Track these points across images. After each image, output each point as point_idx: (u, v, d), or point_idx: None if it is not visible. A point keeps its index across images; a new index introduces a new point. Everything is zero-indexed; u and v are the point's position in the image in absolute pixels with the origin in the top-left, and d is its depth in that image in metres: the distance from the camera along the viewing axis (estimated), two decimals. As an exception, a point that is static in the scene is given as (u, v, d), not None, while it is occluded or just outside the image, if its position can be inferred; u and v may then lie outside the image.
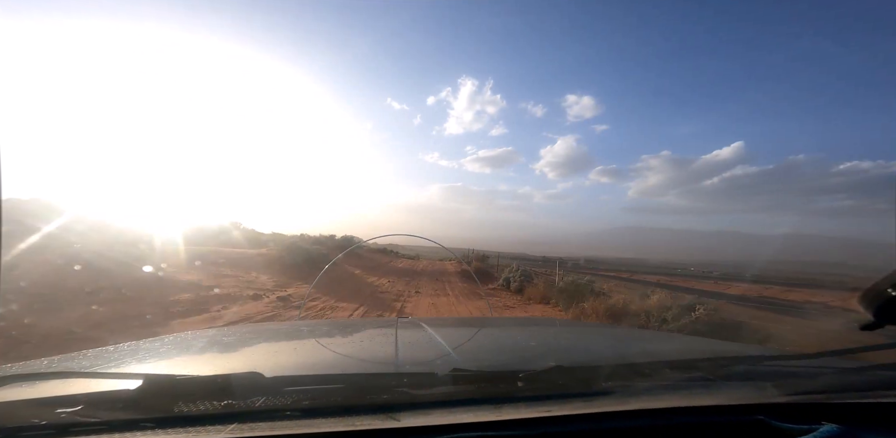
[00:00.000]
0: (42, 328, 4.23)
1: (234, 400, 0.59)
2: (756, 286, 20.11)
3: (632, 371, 0.80)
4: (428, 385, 0.69)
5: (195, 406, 0.58)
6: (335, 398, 0.65)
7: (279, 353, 1.12)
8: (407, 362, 0.99)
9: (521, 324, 2.08)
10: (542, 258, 53.80)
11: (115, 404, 0.58)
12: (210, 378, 0.63)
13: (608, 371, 0.78)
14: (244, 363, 1.06)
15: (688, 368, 0.83)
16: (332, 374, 0.77)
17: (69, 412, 0.55)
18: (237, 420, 0.56)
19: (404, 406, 0.62)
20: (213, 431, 0.53)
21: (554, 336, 1.61)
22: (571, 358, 1.09)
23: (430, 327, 1.46)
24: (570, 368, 0.76)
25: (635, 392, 0.71)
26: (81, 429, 0.53)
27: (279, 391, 0.63)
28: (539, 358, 1.09)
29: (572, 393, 0.69)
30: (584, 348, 1.36)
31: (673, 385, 0.75)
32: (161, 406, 0.58)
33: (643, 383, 0.75)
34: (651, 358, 1.04)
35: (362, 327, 1.77)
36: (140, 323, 5.04)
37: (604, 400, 0.66)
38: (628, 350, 1.32)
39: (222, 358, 1.13)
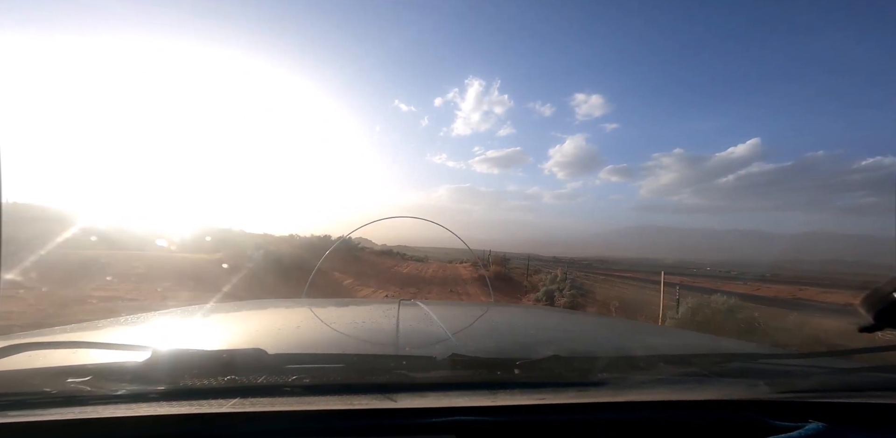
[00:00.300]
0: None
1: (237, 376, 0.61)
2: (788, 287, 18.95)
3: (628, 364, 0.81)
4: (426, 368, 0.70)
5: (199, 380, 0.59)
6: (335, 377, 0.66)
7: (282, 330, 1.13)
8: (407, 345, 1.00)
9: (522, 313, 2.08)
10: (552, 258, 53.00)
11: (124, 375, 0.60)
12: (215, 353, 0.64)
13: (604, 363, 0.78)
14: (248, 339, 1.05)
15: (683, 363, 0.83)
16: (332, 354, 0.78)
17: (79, 382, 0.57)
18: (239, 394, 0.58)
19: (402, 387, 0.64)
20: (215, 405, 0.54)
21: (554, 325, 1.61)
22: (569, 348, 1.08)
23: (432, 311, 1.47)
24: (567, 358, 0.77)
25: (630, 384, 0.71)
26: (90, 399, 0.55)
27: (281, 368, 0.64)
28: (537, 346, 1.09)
29: (568, 383, 0.70)
30: (582, 339, 1.35)
31: (667, 379, 0.75)
32: (167, 379, 0.59)
33: (638, 376, 0.76)
34: (648, 351, 1.05)
35: (365, 308, 1.76)
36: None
37: (598, 391, 0.67)
38: (626, 342, 1.32)
39: (227, 332, 1.14)
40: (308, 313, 1.43)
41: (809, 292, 18.05)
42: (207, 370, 0.61)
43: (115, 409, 0.52)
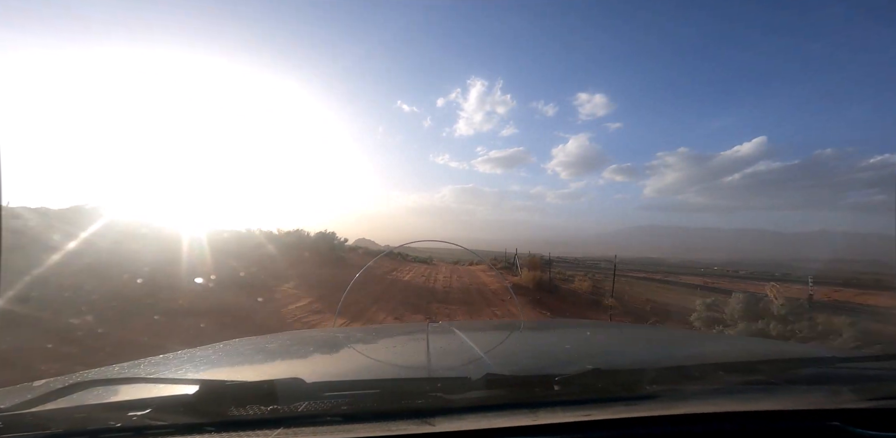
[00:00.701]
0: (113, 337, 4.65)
1: (279, 405, 0.62)
2: (818, 288, 17.63)
3: (679, 375, 0.76)
4: (461, 389, 0.68)
5: (245, 411, 0.62)
6: (371, 403, 0.66)
7: (317, 359, 1.23)
8: (439, 367, 0.99)
9: (555, 327, 2.03)
10: (557, 258, 52.37)
11: (177, 408, 0.63)
12: (257, 384, 0.66)
13: (652, 375, 0.73)
14: (286, 369, 1.12)
15: (745, 371, 0.78)
16: (367, 380, 0.78)
17: (139, 415, 0.60)
18: (282, 424, 0.59)
19: (439, 410, 0.63)
20: (261, 435, 0.56)
21: (590, 338, 1.54)
22: (610, 362, 1.03)
23: (461, 331, 1.46)
24: (609, 371, 0.72)
25: (684, 396, 0.67)
26: (150, 432, 0.58)
27: (319, 396, 0.65)
28: (575, 361, 1.05)
29: (613, 398, 0.67)
30: (623, 351, 1.28)
31: (727, 389, 0.70)
32: (216, 411, 0.62)
33: (692, 387, 0.71)
34: (700, 360, 0.98)
35: (394, 332, 1.75)
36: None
37: (649, 404, 0.63)
38: (673, 352, 1.24)
39: (266, 363, 1.19)
40: (340, 340, 1.48)
41: (846, 294, 16.75)
42: (252, 400, 0.63)
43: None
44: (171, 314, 6.00)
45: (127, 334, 5.07)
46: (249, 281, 8.07)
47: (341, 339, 1.53)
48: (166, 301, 6.32)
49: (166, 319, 5.79)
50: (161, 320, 5.74)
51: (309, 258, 12.79)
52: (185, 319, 5.87)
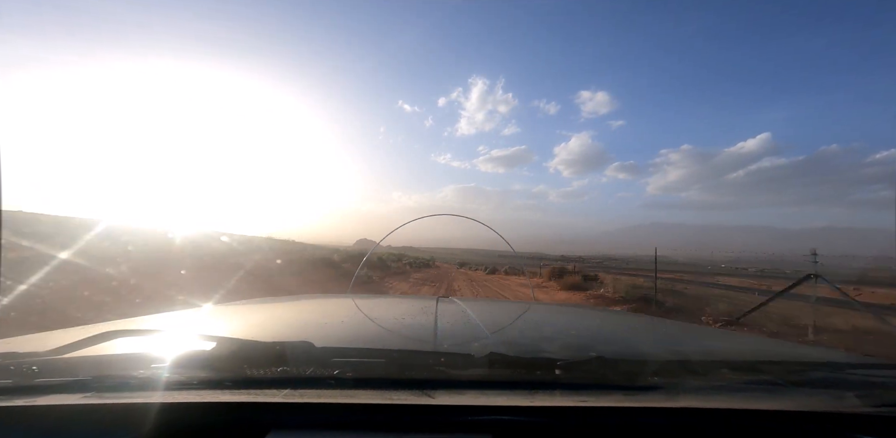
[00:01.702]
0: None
1: (288, 367, 0.65)
2: (873, 289, 16.18)
3: (682, 369, 0.75)
4: (464, 365, 0.69)
5: (256, 370, 0.64)
6: (376, 371, 0.68)
7: (328, 324, 1.20)
8: (445, 342, 1.00)
9: (564, 312, 2.02)
10: (560, 257, 51.88)
11: (194, 362, 0.65)
12: (270, 345, 0.68)
13: (655, 367, 0.74)
14: (298, 332, 1.13)
15: (751, 370, 0.77)
16: (374, 349, 0.79)
17: (161, 367, 0.63)
18: (290, 385, 0.61)
19: (440, 384, 0.64)
20: (269, 395, 0.58)
21: (598, 326, 1.51)
22: (614, 350, 1.03)
23: (471, 309, 1.47)
24: (612, 360, 0.73)
25: (685, 390, 0.66)
26: (167, 384, 0.61)
27: (327, 361, 0.67)
28: (580, 347, 1.06)
29: (612, 386, 0.67)
30: (629, 341, 1.26)
31: (730, 387, 0.69)
32: (230, 367, 0.64)
33: (695, 381, 0.70)
34: (705, 356, 0.99)
35: (406, 305, 1.74)
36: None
37: (647, 396, 0.63)
38: (681, 346, 1.21)
39: (281, 325, 1.23)
40: (352, 308, 1.51)
41: (878, 295, 15.38)
42: (263, 360, 0.65)
43: (188, 395, 0.58)
44: (197, 269, 7.02)
45: (157, 286, 5.58)
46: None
47: (353, 306, 1.54)
48: (193, 258, 7.31)
49: (192, 274, 6.70)
50: (186, 275, 6.60)
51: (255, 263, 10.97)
52: (208, 272, 6.98)
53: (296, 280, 10.17)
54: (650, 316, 5.31)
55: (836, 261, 17.50)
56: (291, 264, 11.38)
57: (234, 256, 9.97)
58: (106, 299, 4.94)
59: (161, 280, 6.78)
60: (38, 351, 0.67)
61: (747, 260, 55.60)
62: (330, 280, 11.37)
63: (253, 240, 13.99)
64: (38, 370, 0.62)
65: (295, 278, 10.42)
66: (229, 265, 9.08)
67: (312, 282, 10.48)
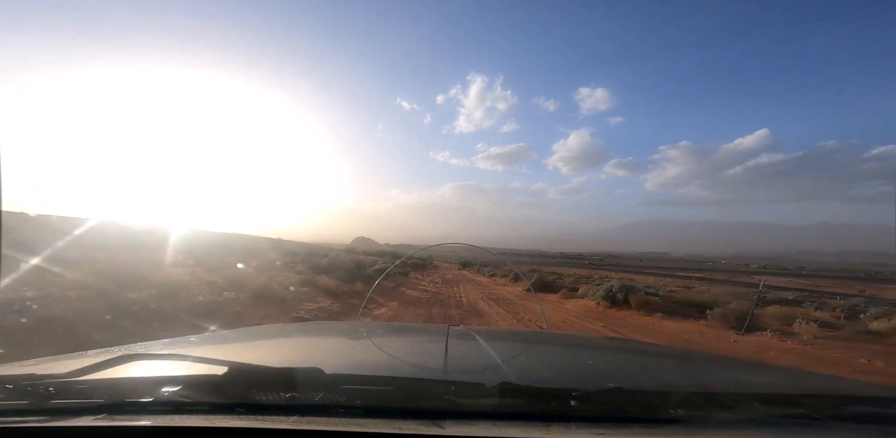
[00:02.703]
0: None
1: (297, 393, 0.64)
2: (837, 282, 15.82)
3: (709, 401, 0.71)
4: (475, 395, 0.67)
5: (266, 395, 0.64)
6: (384, 400, 0.66)
7: (338, 351, 1.20)
8: (455, 370, 0.98)
9: (579, 342, 1.93)
10: (560, 255, 50.91)
11: (205, 386, 0.66)
12: (279, 370, 0.68)
13: (678, 399, 0.70)
14: (307, 357, 1.13)
15: (785, 403, 0.72)
16: (383, 376, 0.79)
17: (171, 391, 0.64)
18: (298, 412, 0.61)
19: (450, 414, 0.62)
20: (276, 421, 0.58)
21: (615, 356, 1.45)
22: (633, 381, 0.99)
23: (482, 337, 1.41)
24: (631, 391, 0.70)
25: (711, 423, 0.63)
26: (178, 408, 0.62)
27: (336, 388, 0.66)
28: (596, 378, 1.02)
29: (631, 418, 0.64)
30: (650, 371, 1.20)
31: (762, 421, 0.64)
32: (239, 392, 0.64)
33: (723, 415, 0.66)
34: (734, 388, 0.95)
35: (415, 332, 1.74)
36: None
37: (670, 429, 0.61)
38: (706, 377, 1.13)
39: (290, 351, 1.24)
40: (361, 335, 1.48)
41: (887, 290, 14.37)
42: (272, 386, 0.65)
43: (197, 419, 0.58)
44: (215, 292, 6.94)
45: (175, 311, 5.56)
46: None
47: (363, 333, 1.53)
48: (211, 284, 7.27)
49: (208, 299, 6.44)
50: (202, 301, 6.30)
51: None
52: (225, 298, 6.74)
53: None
54: (672, 346, 4.42)
55: (834, 258, 16.26)
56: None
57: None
58: (126, 323, 4.85)
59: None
60: (56, 373, 0.68)
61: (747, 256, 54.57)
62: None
63: (258, 241, 13.37)
64: (55, 391, 0.64)
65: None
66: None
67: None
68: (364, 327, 1.77)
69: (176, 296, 6.10)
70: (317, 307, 8.03)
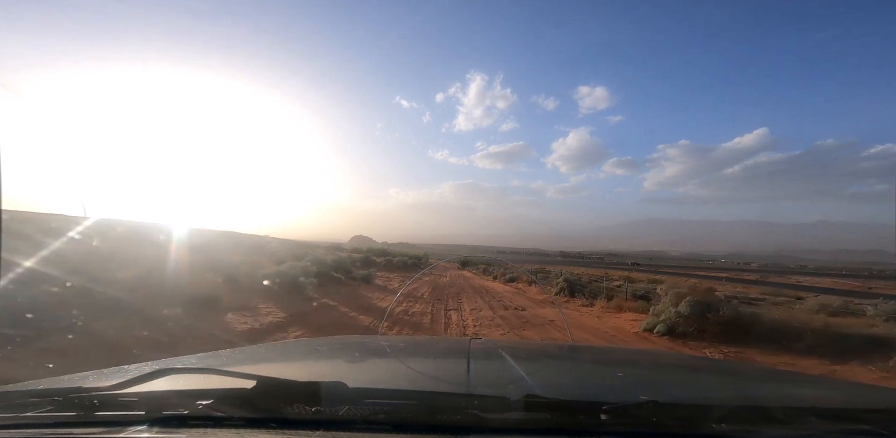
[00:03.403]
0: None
1: (322, 407, 0.64)
2: (843, 280, 14.91)
3: (758, 416, 0.66)
4: (499, 409, 0.65)
5: (292, 409, 0.64)
6: (407, 414, 0.65)
7: (361, 365, 1.21)
8: (479, 384, 0.96)
9: (607, 353, 1.86)
10: (560, 253, 51.06)
11: (235, 400, 0.67)
12: (305, 384, 0.68)
13: (722, 413, 0.64)
14: (332, 372, 1.14)
15: (847, 419, 0.67)
16: (406, 390, 0.78)
17: (205, 404, 0.65)
18: (323, 426, 0.61)
19: (474, 428, 0.61)
20: (303, 435, 0.58)
21: (648, 368, 1.38)
22: (670, 394, 0.94)
23: (504, 350, 1.38)
24: (668, 404, 0.66)
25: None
26: (211, 421, 0.63)
27: (359, 401, 0.66)
28: (628, 390, 0.96)
29: (669, 433, 0.61)
30: (687, 383, 1.14)
31: (820, 437, 0.61)
32: (268, 407, 0.65)
33: (775, 431, 0.62)
34: (785, 402, 0.87)
35: (437, 346, 1.73)
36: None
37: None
38: (753, 390, 1.04)
39: (315, 365, 1.24)
40: (383, 349, 1.50)
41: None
42: (299, 399, 0.65)
43: (227, 433, 0.59)
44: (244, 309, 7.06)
45: (208, 327, 5.77)
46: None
47: (385, 347, 1.53)
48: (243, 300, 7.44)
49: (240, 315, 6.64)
50: (233, 317, 6.46)
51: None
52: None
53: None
54: (708, 357, 4.51)
55: (832, 256, 15.66)
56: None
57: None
58: (163, 339, 5.01)
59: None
60: (100, 386, 0.71)
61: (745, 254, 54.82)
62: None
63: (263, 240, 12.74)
64: (99, 404, 0.67)
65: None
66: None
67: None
68: (386, 340, 1.78)
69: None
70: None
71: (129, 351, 4.43)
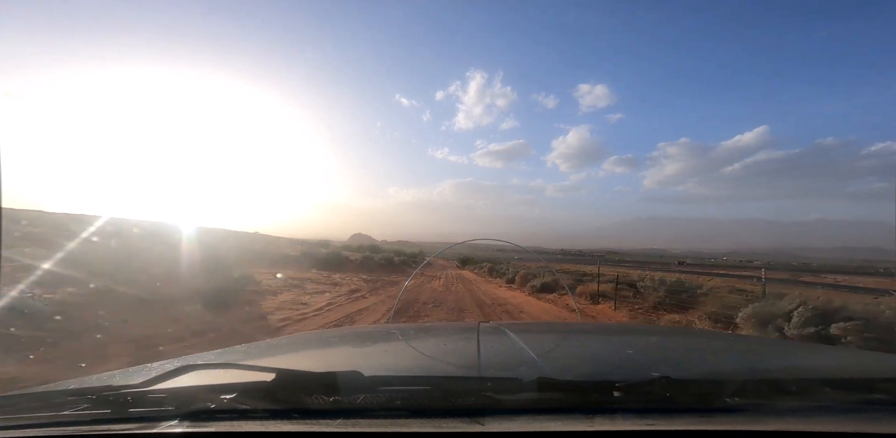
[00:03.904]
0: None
1: (340, 396, 0.65)
2: (847, 278, 14.11)
3: (770, 388, 0.66)
4: (513, 390, 0.66)
5: (312, 400, 0.65)
6: (422, 399, 0.67)
7: (373, 353, 1.22)
8: (490, 367, 0.96)
9: (617, 331, 1.83)
10: (560, 252, 51.07)
11: (258, 393, 0.67)
12: (322, 375, 0.69)
13: (735, 387, 0.65)
14: (346, 361, 1.16)
15: (860, 388, 0.67)
16: (420, 376, 0.78)
17: (229, 398, 0.66)
18: (342, 415, 0.61)
19: (489, 410, 0.62)
20: (324, 424, 0.59)
21: (658, 344, 1.37)
22: (682, 370, 0.94)
23: (514, 332, 1.38)
24: (681, 380, 0.66)
25: (776, 411, 0.58)
26: (236, 415, 0.64)
27: (375, 390, 0.67)
28: (639, 368, 0.96)
29: (683, 409, 0.60)
30: (697, 359, 1.13)
31: (835, 407, 0.60)
32: (288, 398, 0.66)
33: (788, 402, 0.61)
34: (797, 373, 0.86)
35: (446, 331, 1.69)
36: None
37: (728, 418, 0.56)
38: (763, 363, 1.05)
39: (329, 355, 1.26)
40: (394, 337, 1.49)
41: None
42: (317, 390, 0.66)
43: (254, 425, 0.60)
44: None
45: (230, 323, 5.96)
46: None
47: (396, 335, 1.53)
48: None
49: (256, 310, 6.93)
50: (251, 310, 6.81)
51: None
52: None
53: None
54: (715, 331, 4.10)
55: (832, 254, 15.01)
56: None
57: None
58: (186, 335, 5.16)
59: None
60: (130, 383, 0.72)
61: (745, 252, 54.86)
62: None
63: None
64: (132, 401, 0.67)
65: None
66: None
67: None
68: (396, 328, 1.80)
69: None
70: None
71: (155, 348, 4.53)
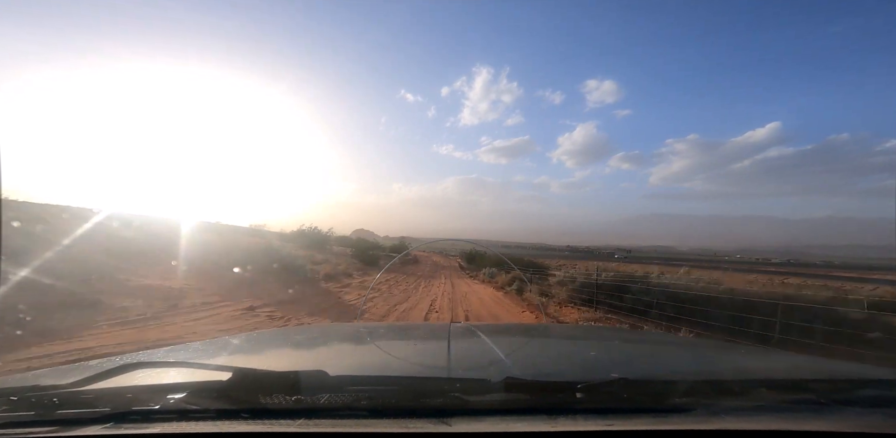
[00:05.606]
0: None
1: (303, 396, 0.64)
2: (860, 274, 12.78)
3: (716, 389, 0.71)
4: (480, 391, 0.67)
5: (271, 400, 0.64)
6: (390, 399, 0.66)
7: (341, 353, 1.24)
8: (459, 367, 0.99)
9: (581, 334, 1.95)
10: (567, 248, 50.11)
11: (211, 393, 0.65)
12: (284, 374, 0.68)
13: (685, 387, 0.71)
14: (311, 360, 1.15)
15: (793, 389, 0.73)
16: (388, 376, 0.79)
17: (176, 398, 0.64)
18: (304, 415, 0.61)
19: (457, 411, 0.63)
20: (284, 425, 0.58)
21: (618, 346, 1.47)
22: (639, 371, 0.99)
23: (483, 333, 1.42)
24: (637, 381, 0.71)
25: (720, 411, 0.63)
26: (184, 415, 0.62)
27: (341, 389, 0.66)
28: (600, 369, 1.02)
29: (640, 408, 0.64)
30: (654, 360, 1.21)
31: (771, 407, 0.65)
32: (245, 398, 0.64)
33: (732, 402, 0.66)
34: (741, 375, 0.94)
35: (417, 331, 1.75)
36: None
37: (681, 417, 0.61)
38: (712, 365, 1.14)
39: (294, 354, 1.23)
40: (363, 336, 1.49)
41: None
42: (278, 390, 0.65)
43: (205, 425, 0.59)
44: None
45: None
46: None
47: (365, 334, 1.52)
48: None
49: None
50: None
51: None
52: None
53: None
54: (673, 334, 4.19)
55: (843, 252, 13.70)
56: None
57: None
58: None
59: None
60: (60, 383, 0.68)
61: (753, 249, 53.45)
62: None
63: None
64: (59, 402, 0.64)
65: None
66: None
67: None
68: (366, 328, 1.81)
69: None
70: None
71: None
